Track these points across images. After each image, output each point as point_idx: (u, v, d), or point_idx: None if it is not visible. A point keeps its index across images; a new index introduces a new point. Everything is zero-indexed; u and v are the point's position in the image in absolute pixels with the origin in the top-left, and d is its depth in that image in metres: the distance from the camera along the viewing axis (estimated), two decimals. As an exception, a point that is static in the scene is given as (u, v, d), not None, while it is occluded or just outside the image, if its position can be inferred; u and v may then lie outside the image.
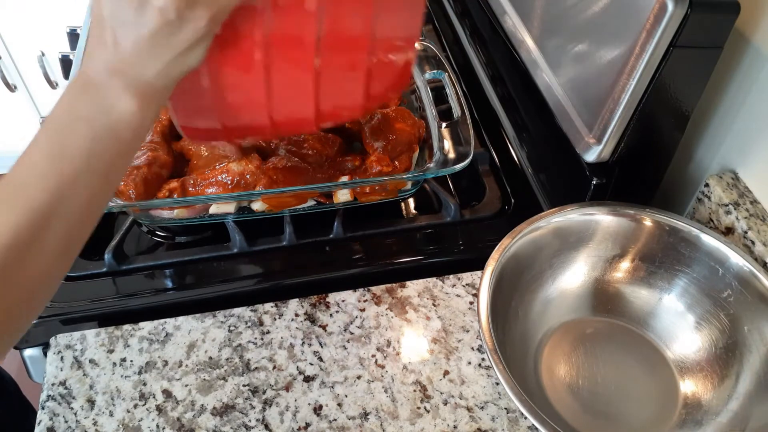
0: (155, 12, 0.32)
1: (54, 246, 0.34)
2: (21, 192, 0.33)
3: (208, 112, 0.44)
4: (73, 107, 0.34)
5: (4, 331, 0.34)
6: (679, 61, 0.51)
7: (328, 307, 0.60)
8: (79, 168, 0.33)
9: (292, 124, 0.47)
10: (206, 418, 0.52)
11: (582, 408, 0.52)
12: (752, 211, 0.57)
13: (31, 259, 0.33)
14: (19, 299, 0.34)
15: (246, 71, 0.41)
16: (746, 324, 0.52)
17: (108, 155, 0.34)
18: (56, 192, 0.33)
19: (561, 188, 0.66)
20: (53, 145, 0.33)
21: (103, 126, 0.34)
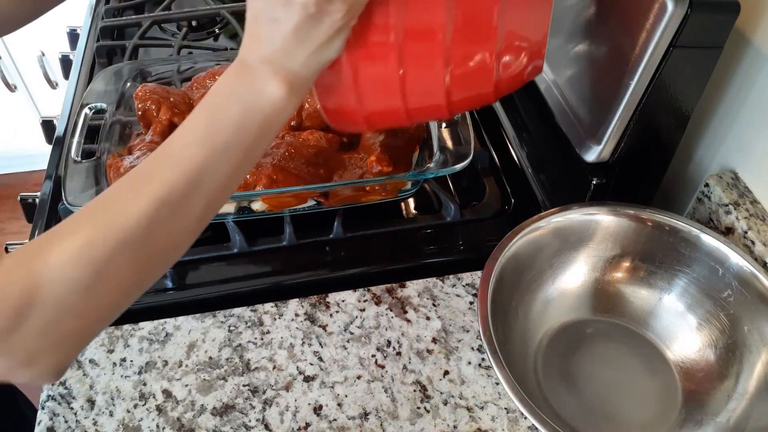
0: (298, 7, 0.36)
1: (197, 210, 0.37)
2: (177, 153, 0.37)
3: (348, 99, 0.46)
4: (229, 87, 0.38)
5: (142, 282, 0.38)
6: (679, 61, 0.51)
7: (328, 307, 0.60)
8: (229, 140, 0.37)
9: (426, 110, 0.49)
10: (206, 418, 0.52)
11: (582, 408, 0.52)
12: (752, 211, 0.57)
13: (179, 218, 0.37)
14: (160, 253, 0.37)
15: (381, 61, 0.44)
16: (746, 324, 0.52)
17: (253, 132, 0.38)
18: (207, 159, 0.37)
19: (561, 188, 0.66)
20: (209, 116, 0.38)
21: (252, 105, 0.38)
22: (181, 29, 0.94)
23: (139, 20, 0.93)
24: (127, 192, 0.36)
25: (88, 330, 0.37)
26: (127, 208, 0.35)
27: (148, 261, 0.37)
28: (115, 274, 0.35)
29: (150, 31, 0.92)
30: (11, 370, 0.35)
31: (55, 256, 0.34)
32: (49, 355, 0.35)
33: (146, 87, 0.68)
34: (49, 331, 0.34)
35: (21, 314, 0.33)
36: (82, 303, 0.34)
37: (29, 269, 0.33)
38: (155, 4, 0.98)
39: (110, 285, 0.35)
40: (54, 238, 0.35)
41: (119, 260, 0.35)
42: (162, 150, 0.37)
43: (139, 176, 0.37)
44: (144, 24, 0.92)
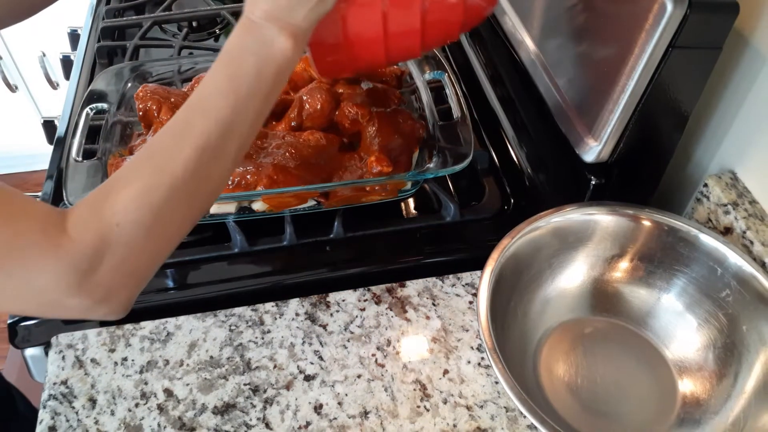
0: None
1: (232, 151, 0.42)
2: (209, 106, 0.41)
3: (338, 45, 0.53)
4: (241, 43, 0.43)
5: (193, 218, 0.42)
6: (678, 61, 0.51)
7: (329, 307, 0.60)
8: (250, 89, 0.42)
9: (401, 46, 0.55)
10: (207, 417, 0.52)
11: (581, 407, 0.52)
12: (751, 211, 0.57)
13: (218, 161, 0.41)
14: (206, 191, 0.42)
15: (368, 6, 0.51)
16: (745, 323, 0.52)
17: (270, 80, 0.43)
18: (235, 107, 0.41)
19: (560, 188, 0.66)
20: (229, 70, 0.42)
21: (266, 56, 0.42)
22: (181, 30, 0.94)
23: (139, 21, 0.94)
24: (170, 143, 0.41)
25: (151, 263, 0.41)
26: (174, 156, 0.40)
27: (197, 199, 0.42)
28: (170, 214, 0.40)
29: (151, 31, 0.92)
30: (91, 308, 0.39)
31: (121, 202, 0.38)
32: (122, 290, 0.40)
33: (147, 87, 0.69)
34: (122, 268, 0.39)
35: (97, 256, 0.37)
36: (146, 241, 0.39)
37: (100, 215, 0.38)
38: (156, 5, 0.99)
39: (167, 223, 0.40)
40: (116, 186, 0.39)
41: (173, 202, 0.40)
42: (192, 103, 0.41)
43: (179, 128, 0.41)
44: (145, 24, 0.92)
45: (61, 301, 0.38)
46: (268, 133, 0.67)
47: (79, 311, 0.39)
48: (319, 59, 0.55)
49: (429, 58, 0.76)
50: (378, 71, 0.76)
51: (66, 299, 0.38)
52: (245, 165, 0.63)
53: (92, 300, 0.38)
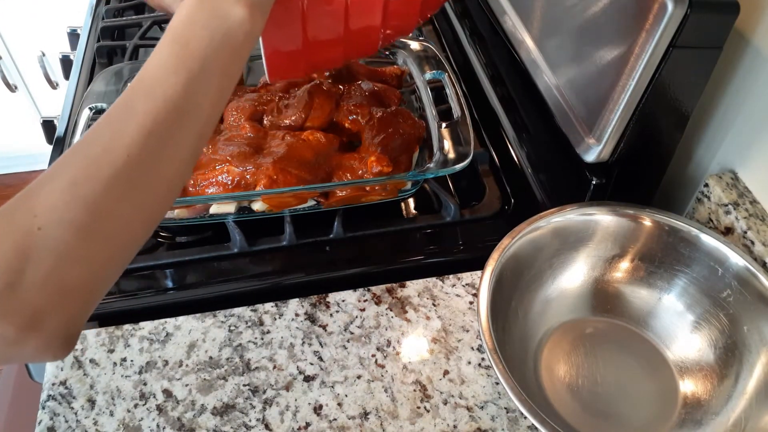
0: None
1: (189, 138, 0.37)
2: (156, 84, 0.36)
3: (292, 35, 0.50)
4: (191, 17, 0.38)
5: (146, 219, 0.36)
6: (679, 61, 0.51)
7: (328, 307, 0.60)
8: (204, 66, 0.37)
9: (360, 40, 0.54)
10: (206, 418, 0.52)
11: (582, 407, 0.52)
12: (752, 211, 0.57)
13: (170, 147, 0.35)
14: (159, 186, 0.36)
15: None
16: (746, 324, 0.52)
17: (226, 55, 0.38)
18: (186, 86, 0.36)
19: (561, 188, 0.66)
20: (179, 47, 0.37)
21: (220, 30, 0.38)
22: (181, 29, 0.94)
23: (139, 20, 0.93)
24: (109, 128, 0.35)
25: (94, 277, 0.34)
26: (113, 142, 0.34)
27: (147, 192, 0.35)
28: (113, 211, 0.33)
29: (150, 31, 0.92)
30: (16, 339, 0.31)
31: (43, 199, 0.31)
32: (55, 312, 0.32)
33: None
34: (51, 281, 0.31)
35: (15, 269, 0.30)
36: (82, 245, 0.32)
37: (16, 219, 0.31)
38: (155, 5, 0.99)
39: (110, 222, 0.33)
40: (38, 183, 0.32)
41: (114, 195, 0.33)
42: (135, 85, 0.36)
43: (119, 111, 0.35)
44: (144, 24, 0.92)
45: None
46: (268, 132, 0.67)
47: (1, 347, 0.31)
48: (272, 58, 0.53)
49: (429, 57, 0.76)
50: (378, 71, 0.76)
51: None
52: (245, 165, 0.62)
53: (15, 328, 0.30)
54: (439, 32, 0.96)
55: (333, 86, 0.71)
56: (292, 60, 0.54)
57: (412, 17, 0.56)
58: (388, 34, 0.56)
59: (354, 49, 0.56)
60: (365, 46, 0.57)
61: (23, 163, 1.92)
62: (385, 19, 0.53)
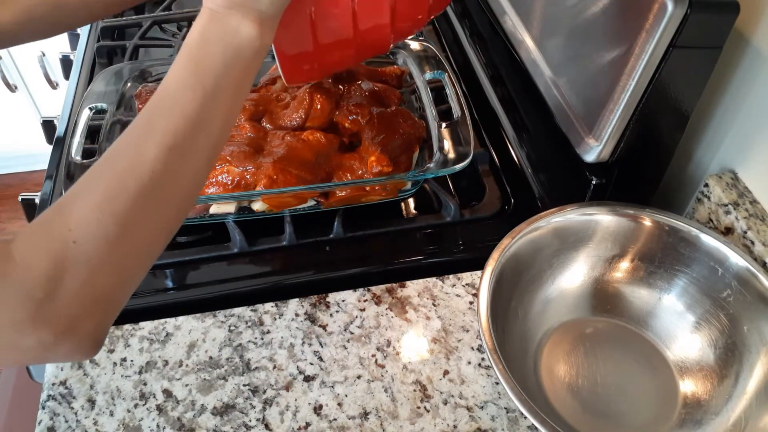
0: None
1: (204, 150, 0.39)
2: (174, 102, 0.38)
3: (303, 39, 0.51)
4: (204, 35, 0.40)
5: (169, 226, 0.39)
6: (679, 61, 0.51)
7: (328, 307, 0.60)
8: (217, 81, 0.39)
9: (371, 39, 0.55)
10: (206, 418, 0.52)
11: (581, 407, 0.52)
12: (752, 211, 0.57)
13: (189, 161, 0.38)
14: (179, 196, 0.38)
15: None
16: (746, 324, 0.52)
17: (238, 71, 0.40)
18: (203, 102, 0.38)
19: (561, 188, 0.66)
20: (194, 64, 0.39)
21: (231, 47, 0.40)
22: (181, 29, 0.94)
23: (139, 20, 0.93)
24: (133, 145, 0.37)
25: (122, 284, 0.36)
26: (138, 159, 0.36)
27: (170, 205, 0.38)
28: (140, 223, 0.36)
29: (150, 31, 0.92)
30: (53, 344, 0.33)
31: (77, 214, 0.34)
32: (88, 318, 0.34)
33: (147, 87, 0.69)
34: (85, 291, 0.34)
35: (54, 280, 0.32)
36: (113, 256, 0.34)
37: (51, 233, 0.33)
38: (155, 5, 0.99)
39: (137, 234, 0.36)
40: (71, 198, 0.35)
41: (141, 209, 0.35)
42: (155, 102, 0.38)
43: (142, 128, 0.38)
44: (144, 24, 0.92)
45: (16, 342, 0.32)
46: (268, 132, 0.67)
47: (39, 351, 0.33)
48: (286, 62, 0.53)
49: (429, 57, 0.76)
50: (378, 71, 0.76)
51: (21, 338, 0.32)
52: (245, 165, 0.62)
53: (53, 333, 0.33)
54: (439, 32, 0.96)
55: (333, 86, 0.71)
56: (306, 63, 0.54)
57: (421, 15, 0.56)
58: (399, 32, 0.56)
59: (366, 48, 0.56)
60: (376, 45, 0.57)
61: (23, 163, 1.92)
62: (394, 17, 0.54)
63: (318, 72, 0.58)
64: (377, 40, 0.56)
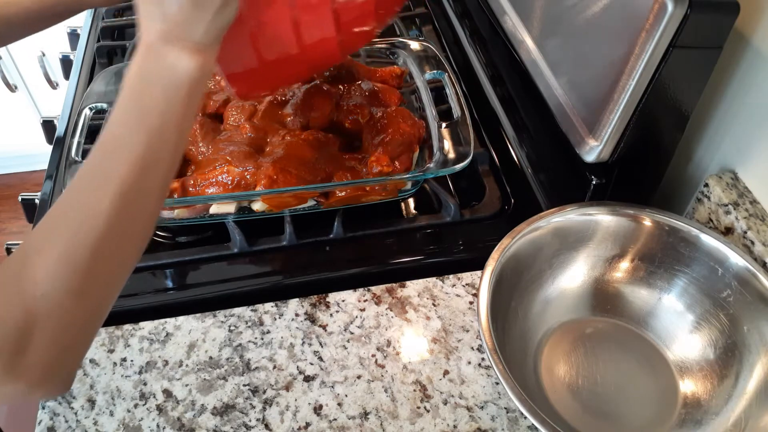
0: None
1: (156, 188, 0.39)
2: (121, 147, 0.38)
3: (249, 57, 0.50)
4: (142, 72, 0.39)
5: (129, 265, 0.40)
6: (679, 61, 0.51)
7: (328, 307, 0.60)
8: (161, 119, 0.39)
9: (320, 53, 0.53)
10: (206, 418, 0.52)
11: (582, 407, 0.52)
12: (752, 211, 0.57)
13: (143, 202, 0.39)
14: (137, 235, 0.39)
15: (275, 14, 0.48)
16: (746, 324, 0.52)
17: (180, 106, 0.40)
18: (149, 142, 0.38)
19: (561, 188, 0.66)
20: (136, 104, 0.39)
21: (171, 82, 0.39)
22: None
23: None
24: (86, 194, 0.37)
25: (89, 329, 0.38)
26: (93, 209, 0.36)
27: (128, 245, 0.39)
28: (100, 271, 0.37)
29: (150, 31, 0.92)
30: (29, 391, 0.35)
31: (41, 269, 0.35)
32: (60, 366, 0.36)
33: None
34: (55, 342, 0.35)
35: (24, 334, 0.34)
36: (78, 305, 0.36)
37: (19, 288, 0.34)
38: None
39: (99, 281, 0.37)
40: (31, 252, 0.36)
41: (101, 257, 0.36)
42: (103, 146, 0.38)
43: (93, 176, 0.38)
44: (144, 24, 0.92)
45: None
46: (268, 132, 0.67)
47: (15, 397, 0.35)
48: (234, 80, 0.52)
49: (429, 57, 0.76)
50: (378, 71, 0.76)
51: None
52: (245, 165, 0.62)
53: (27, 384, 0.35)
54: (439, 32, 0.96)
55: (333, 86, 0.71)
56: (254, 79, 0.53)
57: (368, 26, 0.55)
58: (348, 44, 0.55)
59: (316, 62, 0.55)
60: (327, 58, 0.56)
61: (23, 163, 1.92)
62: (340, 30, 0.52)
63: (270, 87, 0.56)
64: (326, 53, 0.54)
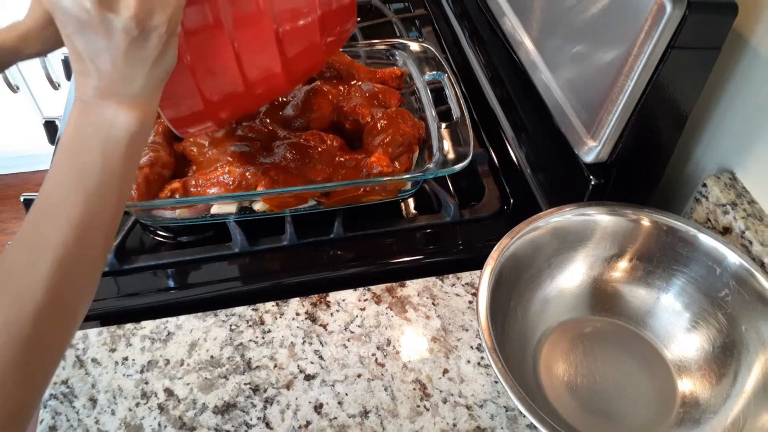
0: (121, 33, 0.36)
1: (98, 247, 0.38)
2: (59, 210, 0.37)
3: (191, 100, 0.49)
4: (79, 131, 0.38)
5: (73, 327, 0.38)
6: (677, 62, 0.51)
7: (329, 306, 0.60)
8: (99, 180, 0.38)
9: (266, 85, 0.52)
10: (208, 417, 0.52)
11: (580, 406, 0.53)
12: (750, 211, 0.57)
13: (82, 264, 0.37)
14: (78, 298, 0.38)
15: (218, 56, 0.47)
16: (744, 323, 0.52)
17: (119, 164, 0.38)
18: (86, 204, 0.37)
19: (559, 188, 0.67)
20: (72, 164, 0.38)
21: (110, 140, 0.38)
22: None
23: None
24: (24, 263, 0.36)
25: (36, 391, 0.37)
26: (31, 278, 0.35)
27: (71, 308, 0.38)
28: (42, 339, 0.36)
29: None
30: None
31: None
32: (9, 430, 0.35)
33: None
34: (2, 411, 0.34)
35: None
36: (23, 374, 0.35)
37: None
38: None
39: (41, 349, 0.36)
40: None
41: (43, 324, 0.35)
42: (40, 210, 0.37)
43: (30, 242, 0.37)
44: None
45: None
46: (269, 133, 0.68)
47: None
48: (177, 123, 0.51)
49: (429, 58, 0.76)
50: (378, 72, 0.77)
51: None
52: (246, 165, 0.63)
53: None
54: (438, 33, 0.96)
55: (333, 87, 0.71)
56: (198, 118, 0.52)
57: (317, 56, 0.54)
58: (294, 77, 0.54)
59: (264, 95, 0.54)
60: (273, 90, 0.55)
61: (25, 164, 1.92)
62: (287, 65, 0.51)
63: (214, 123, 0.55)
64: (273, 86, 0.53)
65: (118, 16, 0.36)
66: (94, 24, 0.36)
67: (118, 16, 0.36)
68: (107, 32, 0.36)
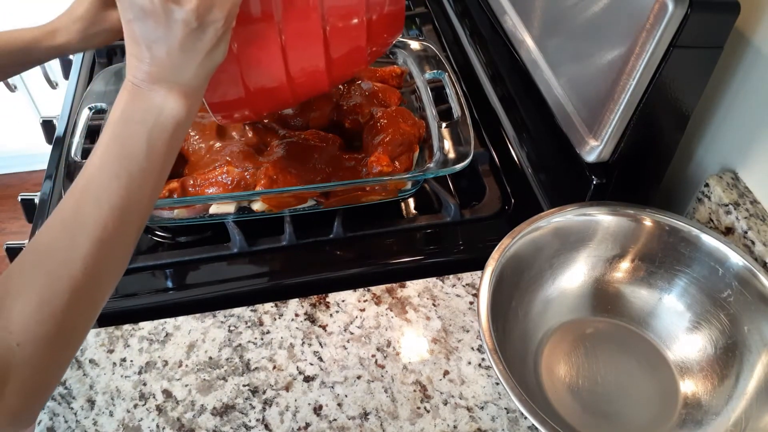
0: (180, 24, 0.38)
1: (133, 232, 0.40)
2: (101, 192, 0.38)
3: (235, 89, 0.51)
4: (127, 114, 0.39)
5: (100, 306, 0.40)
6: (679, 61, 0.51)
7: (328, 307, 0.60)
8: (142, 164, 0.39)
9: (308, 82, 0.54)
10: (206, 418, 0.52)
11: (582, 408, 0.52)
12: (752, 211, 0.57)
13: (120, 246, 0.39)
14: (110, 279, 0.40)
15: (265, 48, 0.48)
16: (746, 324, 0.52)
17: (163, 150, 0.40)
18: (129, 188, 0.38)
19: (561, 188, 0.66)
20: (118, 147, 0.39)
21: (156, 126, 0.39)
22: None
23: (139, 20, 0.93)
24: (63, 239, 0.37)
25: (58, 373, 0.38)
26: (70, 255, 0.37)
27: (101, 292, 0.39)
28: (75, 318, 0.37)
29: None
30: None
31: (17, 317, 0.35)
32: (30, 410, 0.37)
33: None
34: (27, 388, 0.36)
35: (1, 382, 0.34)
36: (53, 352, 0.36)
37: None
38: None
39: (72, 328, 0.37)
40: (8, 297, 0.36)
41: (77, 304, 0.37)
42: (82, 189, 0.38)
43: (70, 220, 0.38)
44: (144, 24, 0.91)
45: None
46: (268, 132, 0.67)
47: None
48: (218, 108, 0.53)
49: (429, 57, 0.76)
50: (378, 71, 0.76)
51: None
52: (245, 165, 0.62)
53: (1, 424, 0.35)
54: (439, 32, 0.96)
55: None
56: (239, 106, 0.53)
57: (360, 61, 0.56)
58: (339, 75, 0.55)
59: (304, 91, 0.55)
60: (315, 89, 0.56)
61: (23, 163, 1.92)
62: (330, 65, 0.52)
63: (253, 113, 0.57)
64: (315, 85, 0.54)
65: (180, 7, 0.37)
66: (157, 13, 0.37)
67: (181, 7, 0.37)
68: (167, 22, 0.37)
